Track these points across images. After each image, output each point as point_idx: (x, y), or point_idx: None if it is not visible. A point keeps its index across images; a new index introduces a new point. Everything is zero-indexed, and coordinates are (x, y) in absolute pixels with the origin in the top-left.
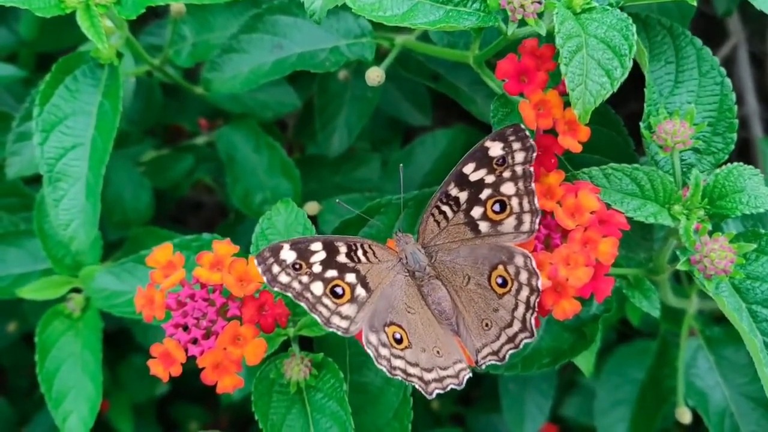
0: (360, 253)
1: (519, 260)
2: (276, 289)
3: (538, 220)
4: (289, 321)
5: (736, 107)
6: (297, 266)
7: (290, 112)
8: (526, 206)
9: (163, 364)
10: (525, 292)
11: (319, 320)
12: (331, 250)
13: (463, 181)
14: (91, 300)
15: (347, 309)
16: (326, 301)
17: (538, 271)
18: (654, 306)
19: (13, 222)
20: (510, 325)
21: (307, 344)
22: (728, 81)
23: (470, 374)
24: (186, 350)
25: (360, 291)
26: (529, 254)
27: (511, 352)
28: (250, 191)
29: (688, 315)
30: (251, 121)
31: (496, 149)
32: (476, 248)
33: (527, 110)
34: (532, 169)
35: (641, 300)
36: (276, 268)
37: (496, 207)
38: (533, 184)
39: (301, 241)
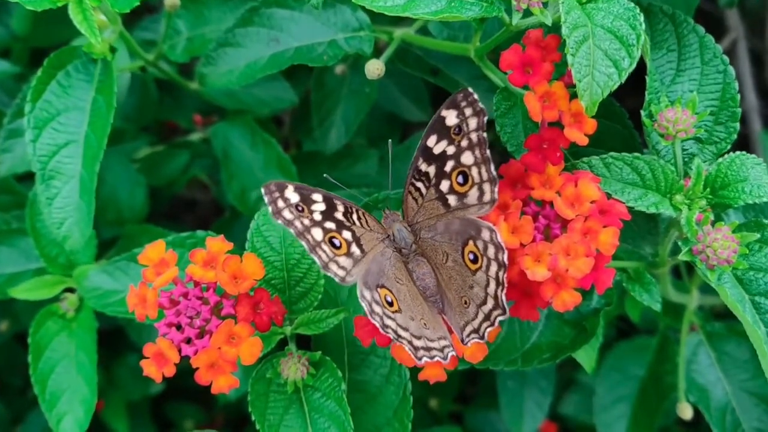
0: (355, 216)
1: (486, 234)
2: (279, 221)
3: (497, 189)
4: (285, 319)
5: (738, 96)
6: (300, 208)
7: (287, 108)
8: (484, 175)
9: (156, 365)
10: (494, 268)
11: (318, 263)
12: (330, 205)
13: (429, 155)
14: (84, 300)
15: (344, 261)
16: (325, 247)
17: (503, 244)
18: (655, 299)
19: (5, 220)
20: (484, 302)
21: (304, 342)
22: (731, 69)
23: (453, 352)
24: (179, 350)
25: (355, 249)
26: (494, 227)
27: (488, 330)
28: (246, 188)
29: (689, 310)
30: (247, 117)
31: (451, 118)
32: (450, 224)
33: (532, 102)
34: (485, 134)
35: (642, 293)
36: (281, 203)
37: (460, 179)
38: (488, 151)
39: (304, 187)
